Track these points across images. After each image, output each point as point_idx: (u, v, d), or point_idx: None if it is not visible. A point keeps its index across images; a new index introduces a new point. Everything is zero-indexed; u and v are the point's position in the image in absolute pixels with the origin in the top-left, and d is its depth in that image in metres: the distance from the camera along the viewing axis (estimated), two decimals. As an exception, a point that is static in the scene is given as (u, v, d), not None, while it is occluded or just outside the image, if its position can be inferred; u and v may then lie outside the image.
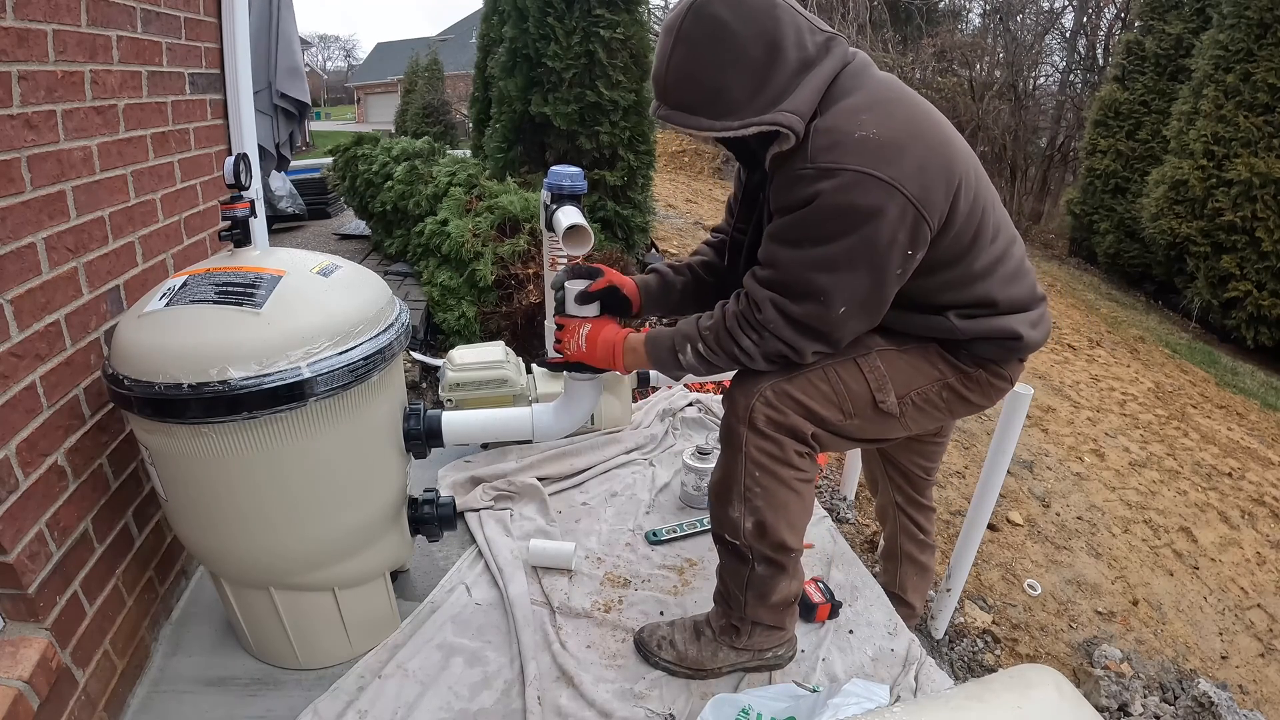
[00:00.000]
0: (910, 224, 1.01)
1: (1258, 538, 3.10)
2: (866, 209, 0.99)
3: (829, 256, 1.04)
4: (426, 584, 1.58)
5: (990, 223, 1.13)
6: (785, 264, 1.07)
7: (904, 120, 1.04)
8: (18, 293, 1.03)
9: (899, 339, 1.22)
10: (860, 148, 0.99)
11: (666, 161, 10.07)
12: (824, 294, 1.06)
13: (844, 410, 1.19)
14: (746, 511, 1.21)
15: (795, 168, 1.04)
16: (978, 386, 1.25)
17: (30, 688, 1.00)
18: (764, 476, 1.18)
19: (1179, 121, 6.72)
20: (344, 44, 64.85)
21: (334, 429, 1.14)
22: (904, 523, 1.74)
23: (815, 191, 1.01)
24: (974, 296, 1.15)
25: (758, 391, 1.17)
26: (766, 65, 1.02)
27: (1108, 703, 1.99)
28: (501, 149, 4.33)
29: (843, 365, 1.19)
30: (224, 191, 1.60)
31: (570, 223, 1.63)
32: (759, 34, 1.00)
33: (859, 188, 0.99)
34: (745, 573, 1.26)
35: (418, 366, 3.26)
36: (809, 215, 1.03)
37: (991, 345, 1.20)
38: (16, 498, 1.02)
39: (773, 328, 1.09)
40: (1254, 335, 6.17)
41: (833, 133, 1.01)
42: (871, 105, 1.04)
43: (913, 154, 1.01)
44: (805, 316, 1.08)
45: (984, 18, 13.70)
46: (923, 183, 1.00)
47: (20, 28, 1.02)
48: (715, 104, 1.04)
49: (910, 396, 1.22)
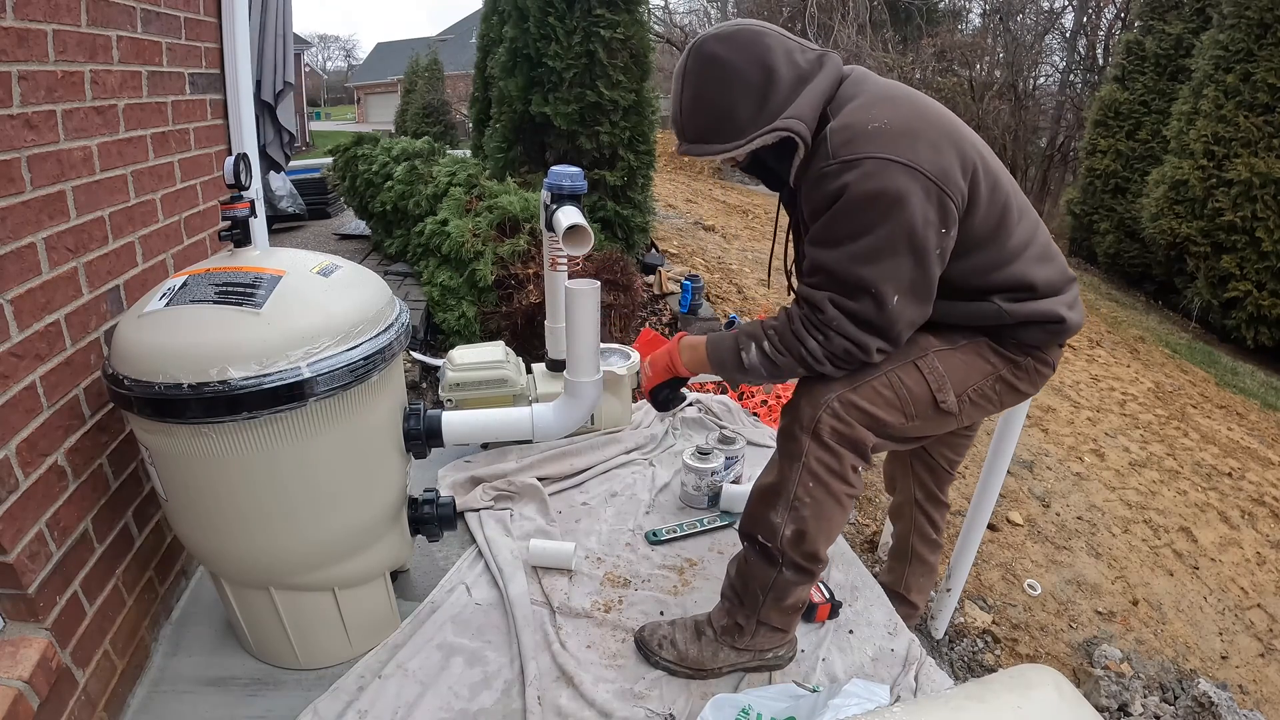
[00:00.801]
0: (936, 201, 1.06)
1: (1258, 538, 3.10)
2: (893, 193, 1.04)
3: (870, 247, 1.07)
4: (426, 584, 1.58)
5: (1014, 205, 1.18)
6: (832, 265, 1.11)
7: (911, 111, 1.11)
8: (18, 293, 1.03)
9: (951, 338, 1.25)
10: (876, 136, 1.06)
11: (666, 161, 10.07)
12: (874, 286, 1.09)
13: (906, 413, 1.22)
14: (790, 519, 1.22)
15: (819, 168, 1.10)
16: (1026, 375, 1.28)
17: (30, 688, 1.00)
18: (817, 488, 1.19)
19: (1179, 121, 6.72)
20: (344, 44, 64.93)
21: (334, 429, 1.14)
22: (919, 521, 1.75)
23: (842, 184, 1.06)
24: (1012, 278, 1.18)
25: (825, 402, 1.18)
26: (764, 85, 1.11)
27: (1108, 703, 1.99)
28: (501, 149, 4.33)
29: (903, 369, 1.21)
30: (224, 191, 1.60)
31: (570, 223, 1.63)
32: (752, 60, 1.10)
33: (883, 173, 1.04)
34: (772, 576, 1.26)
35: (418, 366, 3.26)
36: (841, 209, 1.08)
37: (1036, 329, 1.23)
38: (16, 498, 1.02)
39: (836, 325, 1.12)
40: (1254, 335, 6.18)
41: (848, 128, 1.08)
42: (878, 101, 1.11)
43: (925, 138, 1.07)
44: (863, 312, 1.11)
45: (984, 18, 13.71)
46: (939, 163, 1.06)
47: (20, 28, 1.02)
48: (726, 128, 1.14)
49: (967, 393, 1.25)
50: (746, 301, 4.73)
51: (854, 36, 11.17)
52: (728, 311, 4.34)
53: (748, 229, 6.97)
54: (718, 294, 4.69)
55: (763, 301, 4.77)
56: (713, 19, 16.70)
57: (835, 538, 1.27)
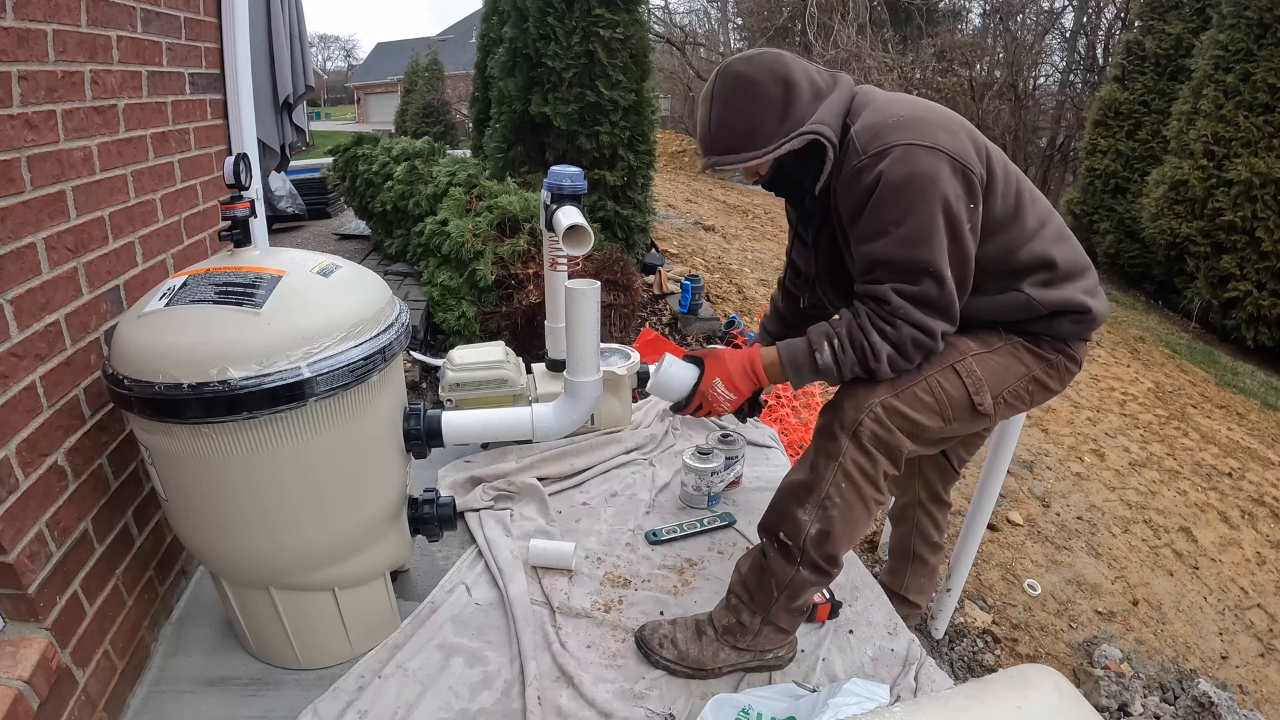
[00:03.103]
0: (962, 177, 1.13)
1: (1258, 538, 3.10)
2: (925, 172, 1.11)
3: (916, 229, 1.12)
4: (426, 584, 1.58)
5: (1026, 188, 1.25)
6: (887, 254, 1.15)
7: (923, 106, 1.21)
8: (18, 293, 1.03)
9: (987, 340, 1.28)
10: (898, 127, 1.14)
11: (666, 161, 10.07)
12: (931, 264, 1.13)
13: (944, 417, 1.24)
14: (817, 517, 1.23)
15: (852, 166, 1.17)
16: (1056, 373, 1.33)
17: (30, 688, 1.00)
18: (849, 489, 1.21)
19: (1179, 121, 6.72)
20: (344, 44, 64.92)
21: (334, 429, 1.14)
22: (922, 522, 1.77)
23: (877, 174, 1.13)
24: (1034, 256, 1.23)
25: (869, 406, 1.21)
26: (786, 98, 1.19)
27: (1108, 703, 1.99)
28: (501, 149, 4.33)
29: (942, 374, 1.24)
30: (224, 191, 1.60)
31: (570, 223, 1.63)
32: (775, 78, 1.19)
33: (911, 157, 1.11)
34: (789, 574, 1.27)
35: (418, 366, 3.26)
36: (879, 198, 1.13)
37: (1065, 321, 1.27)
38: (16, 498, 1.02)
39: (903, 313, 1.15)
40: (1254, 335, 6.17)
41: (871, 127, 1.17)
42: (891, 102, 1.21)
43: (940, 125, 1.16)
44: (926, 294, 1.15)
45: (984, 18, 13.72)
46: (955, 145, 1.14)
47: (20, 28, 1.02)
48: (753, 139, 1.20)
49: (1003, 395, 1.28)
50: (746, 301, 4.73)
51: (854, 36, 11.17)
52: (728, 311, 4.34)
53: (748, 229, 6.97)
54: (718, 294, 4.69)
55: (762, 302, 4.76)
56: (713, 19, 16.71)
57: (855, 543, 1.28)
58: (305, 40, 3.57)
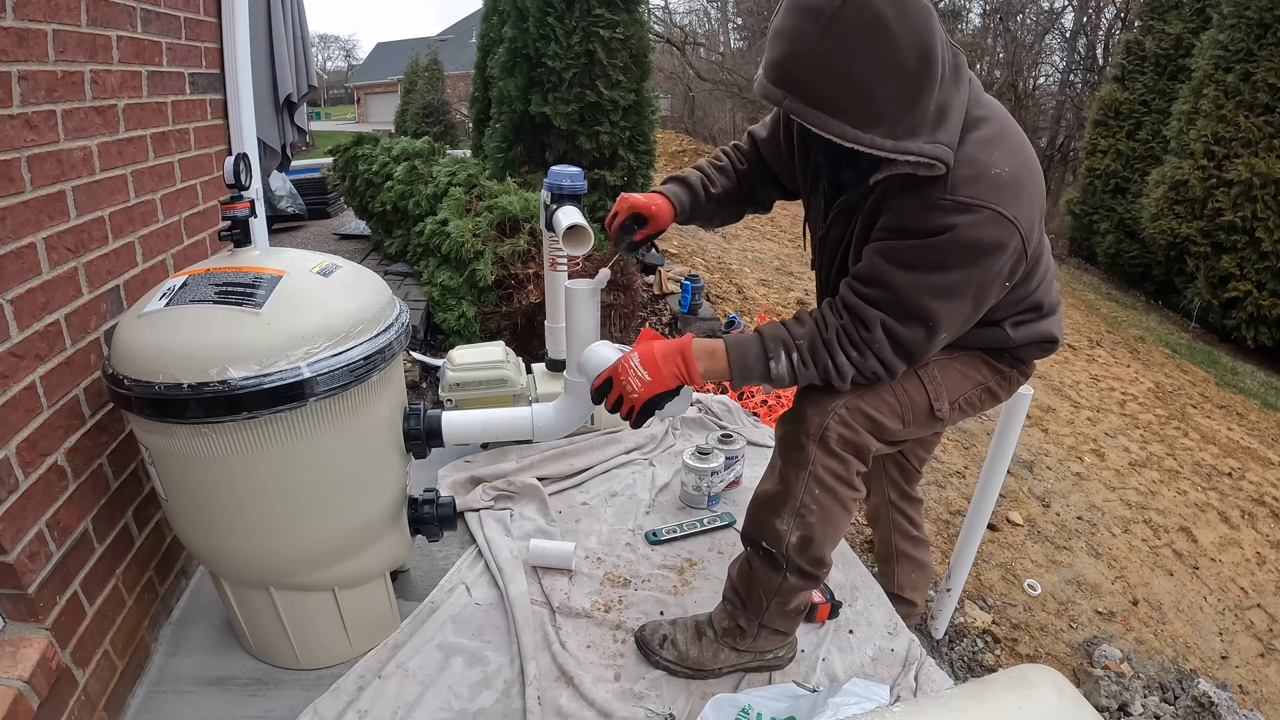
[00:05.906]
0: (1016, 258, 1.05)
1: (1258, 538, 3.10)
2: (991, 244, 1.02)
3: (946, 284, 1.04)
4: (426, 584, 1.58)
5: (1042, 236, 1.17)
6: (899, 287, 1.06)
7: (1022, 156, 1.06)
8: (18, 293, 1.03)
9: (949, 349, 1.24)
10: (996, 184, 1.00)
11: (666, 161, 10.06)
12: (933, 319, 1.06)
13: (904, 420, 1.22)
14: (795, 525, 1.21)
15: (932, 196, 1.01)
16: (1007, 384, 1.34)
17: (30, 688, 1.00)
18: (824, 494, 1.19)
19: (1179, 121, 6.72)
20: (344, 44, 64.90)
21: (334, 429, 1.14)
22: (897, 519, 1.78)
23: (950, 224, 1.00)
24: (1029, 304, 1.22)
25: (832, 409, 1.17)
26: (919, 80, 0.94)
27: (1108, 703, 1.99)
28: (501, 149, 4.33)
29: (906, 378, 1.21)
30: (224, 191, 1.60)
31: (570, 223, 1.63)
32: (916, 42, 0.92)
33: (992, 225, 1.00)
34: (776, 581, 1.26)
35: (418, 366, 3.26)
36: (936, 244, 1.02)
37: (1034, 348, 1.29)
38: (16, 498, 1.02)
39: (876, 348, 1.09)
40: (1254, 335, 6.18)
41: (974, 165, 1.01)
42: (999, 139, 1.05)
43: (1028, 192, 1.04)
44: (910, 341, 1.08)
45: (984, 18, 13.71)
46: (1031, 219, 1.04)
47: (20, 28, 1.02)
48: (862, 112, 0.94)
49: (959, 401, 1.28)
50: (746, 301, 4.73)
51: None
52: (728, 311, 4.34)
53: (748, 229, 6.97)
54: (718, 294, 4.69)
55: (762, 301, 4.76)
56: (713, 19, 16.68)
57: (839, 541, 1.28)
58: (308, 41, 3.57)
